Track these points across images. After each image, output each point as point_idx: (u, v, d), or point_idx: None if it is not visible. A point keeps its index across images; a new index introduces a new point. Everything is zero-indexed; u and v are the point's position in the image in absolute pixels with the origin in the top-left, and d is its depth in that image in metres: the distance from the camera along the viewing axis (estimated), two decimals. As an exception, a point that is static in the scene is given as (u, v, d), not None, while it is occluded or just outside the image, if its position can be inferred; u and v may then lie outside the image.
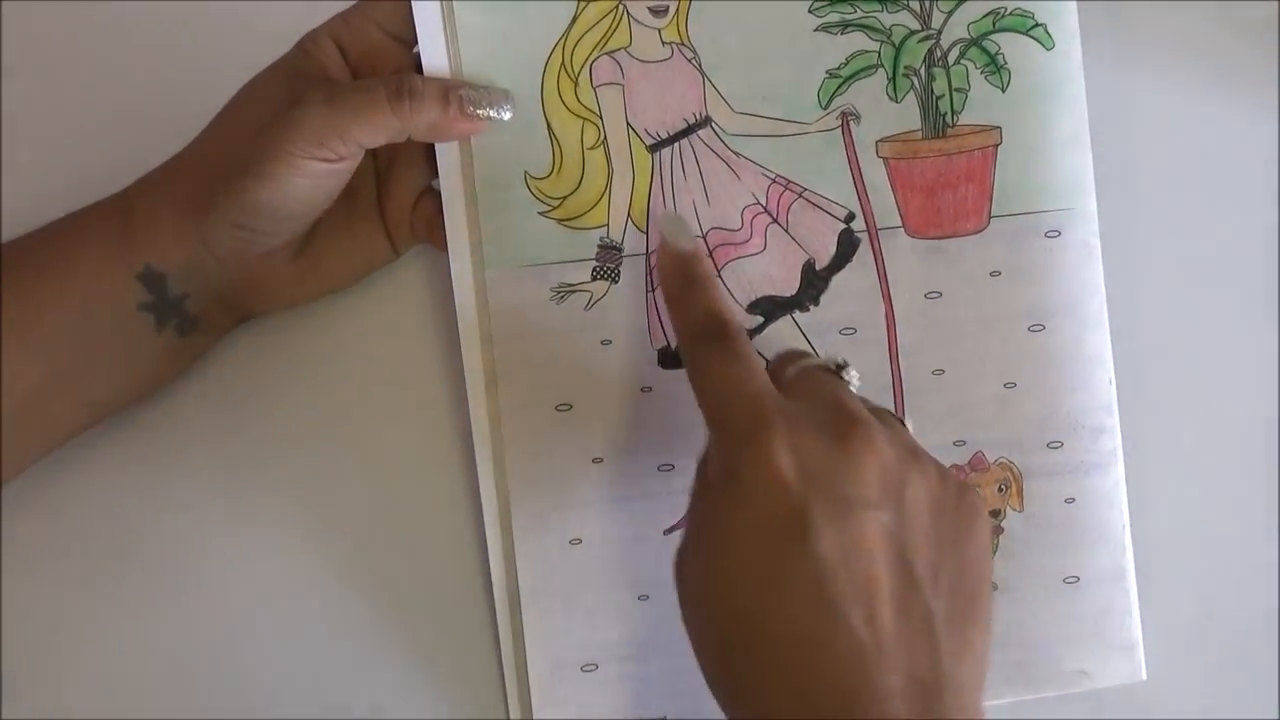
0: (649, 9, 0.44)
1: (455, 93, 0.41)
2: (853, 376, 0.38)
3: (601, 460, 0.45)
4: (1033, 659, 0.45)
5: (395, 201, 0.45)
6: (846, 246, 0.44)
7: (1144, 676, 0.45)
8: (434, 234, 0.45)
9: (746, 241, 0.44)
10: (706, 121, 0.44)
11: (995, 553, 0.45)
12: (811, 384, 0.37)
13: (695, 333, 0.37)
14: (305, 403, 0.47)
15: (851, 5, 0.44)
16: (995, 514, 0.45)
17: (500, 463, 0.44)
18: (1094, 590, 0.45)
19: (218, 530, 0.45)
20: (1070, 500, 0.45)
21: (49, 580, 0.44)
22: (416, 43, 0.43)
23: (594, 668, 0.45)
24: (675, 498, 0.45)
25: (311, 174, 0.40)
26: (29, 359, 0.40)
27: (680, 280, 0.38)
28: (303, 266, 0.44)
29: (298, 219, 0.42)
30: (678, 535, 0.44)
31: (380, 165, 0.46)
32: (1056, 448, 0.45)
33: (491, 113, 0.42)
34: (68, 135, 0.47)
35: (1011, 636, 0.45)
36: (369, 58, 0.43)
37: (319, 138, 0.39)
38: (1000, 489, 0.45)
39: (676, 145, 0.44)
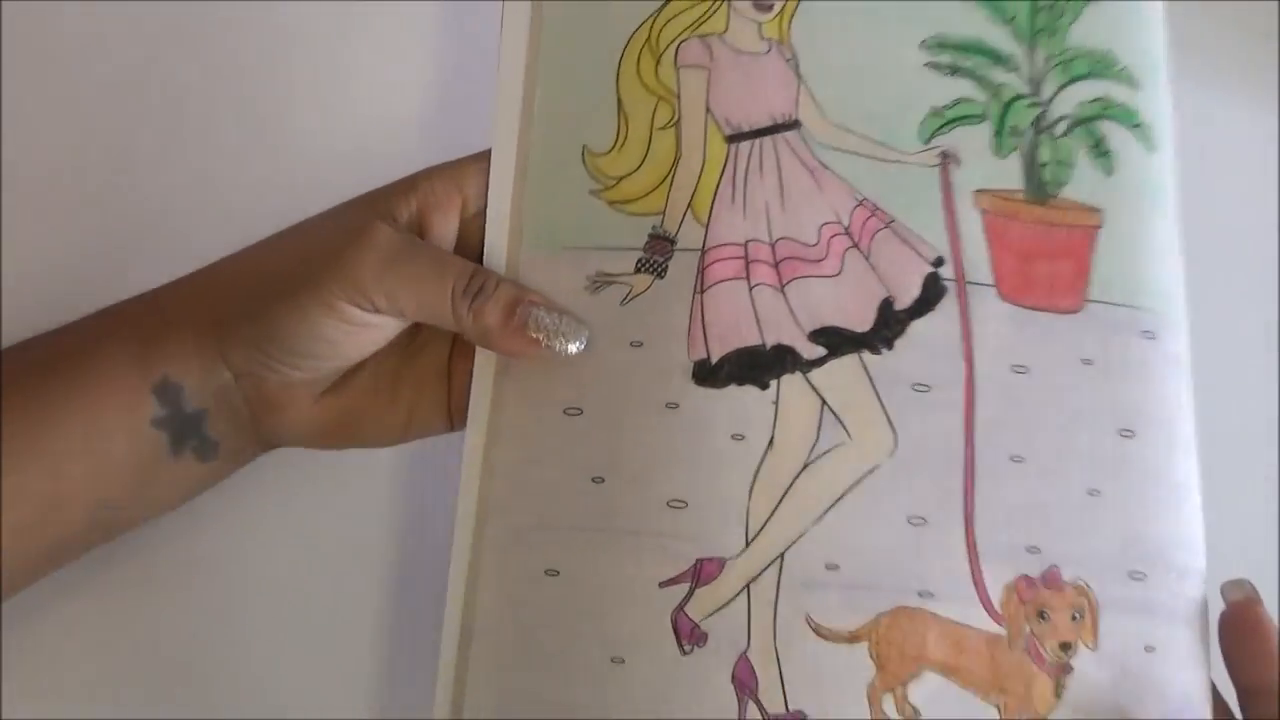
0: (754, 3, 0.39)
1: (525, 307, 0.36)
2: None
3: (602, 480, 0.35)
4: None
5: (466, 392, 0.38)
6: (932, 291, 0.38)
7: None
8: None
9: (820, 261, 0.38)
10: (795, 124, 0.39)
11: (1059, 698, 0.36)
12: None
13: None
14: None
15: (964, 52, 0.40)
16: (1065, 647, 0.36)
17: (489, 460, 0.35)
18: (1174, 771, 0.36)
19: (216, 524, 0.43)
20: (1151, 650, 0.37)
21: (49, 581, 0.39)
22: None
23: (544, 736, 0.33)
24: (681, 543, 0.35)
25: (346, 318, 0.35)
26: (35, 472, 0.35)
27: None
28: (327, 412, 0.37)
29: (321, 360, 0.36)
30: (675, 591, 0.35)
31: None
32: (1139, 580, 0.37)
33: (557, 344, 0.36)
34: (69, 135, 0.45)
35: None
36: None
37: (362, 289, 0.35)
38: (1074, 617, 0.37)
39: (757, 142, 0.38)
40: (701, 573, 0.35)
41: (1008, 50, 0.41)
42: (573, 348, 0.36)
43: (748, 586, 0.36)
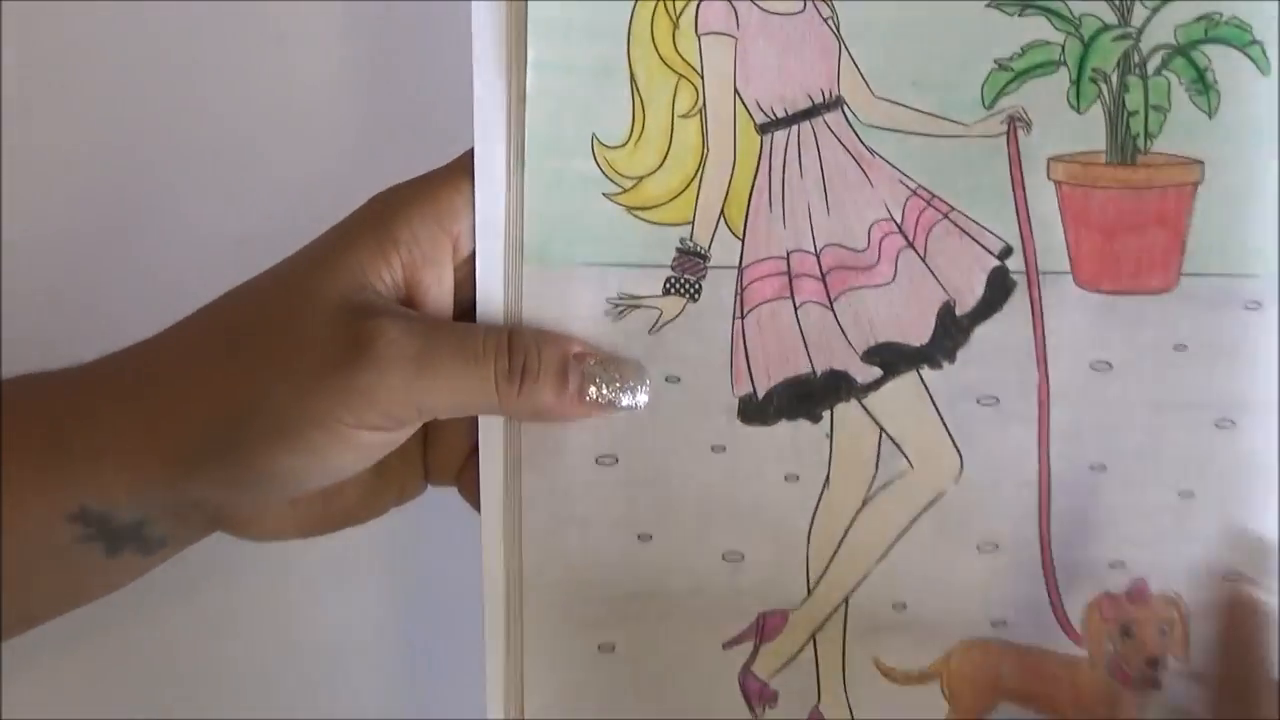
0: None
1: (574, 366, 0.31)
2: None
3: (650, 538, 0.33)
4: None
5: (444, 444, 0.34)
6: (998, 290, 0.34)
7: None
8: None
9: (872, 268, 0.34)
10: (838, 103, 0.33)
11: (1147, 715, 0.34)
12: None
13: None
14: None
15: (1035, -18, 0.34)
16: (1153, 664, 0.34)
17: (515, 528, 0.32)
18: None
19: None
20: (1247, 653, 0.34)
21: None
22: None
23: (612, 828, 0.32)
24: (743, 599, 0.33)
25: (363, 446, 0.30)
26: None
27: None
28: (307, 510, 0.33)
29: (322, 486, 0.31)
30: (740, 651, 0.33)
31: None
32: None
33: (618, 399, 0.32)
34: (68, 134, 0.44)
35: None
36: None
37: (388, 413, 0.30)
38: (1162, 631, 0.34)
39: (795, 129, 0.33)
40: (765, 628, 0.34)
41: (1090, -32, 0.34)
42: (642, 400, 0.32)
43: (813, 636, 0.34)
